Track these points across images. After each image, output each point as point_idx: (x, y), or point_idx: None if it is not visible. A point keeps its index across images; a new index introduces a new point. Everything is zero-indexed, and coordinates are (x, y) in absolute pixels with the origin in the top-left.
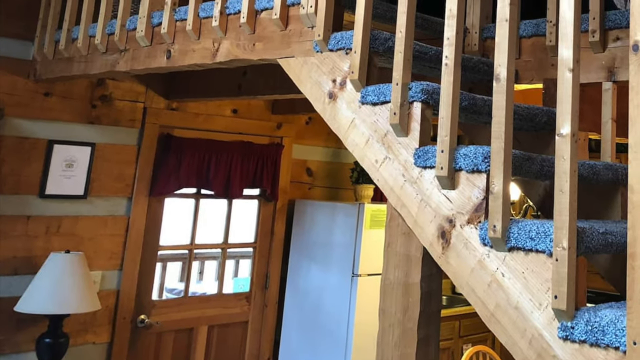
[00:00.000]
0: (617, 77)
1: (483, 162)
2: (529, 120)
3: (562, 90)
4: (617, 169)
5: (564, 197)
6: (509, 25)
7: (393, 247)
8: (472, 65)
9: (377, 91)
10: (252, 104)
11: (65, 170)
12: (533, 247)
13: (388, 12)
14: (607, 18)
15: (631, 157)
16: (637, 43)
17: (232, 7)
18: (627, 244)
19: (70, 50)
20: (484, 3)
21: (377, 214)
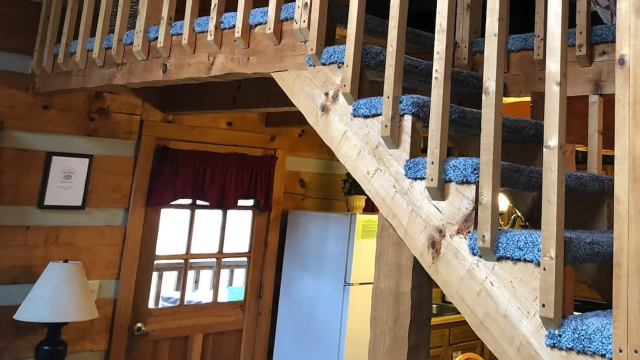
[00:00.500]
0: (604, 90)
1: (472, 174)
2: (517, 133)
3: (549, 103)
4: (603, 180)
5: (552, 208)
6: (498, 40)
7: (384, 257)
8: (462, 79)
9: (369, 104)
10: (247, 117)
11: (63, 181)
12: (521, 257)
13: (379, 27)
14: (593, 33)
15: (617, 169)
16: (623, 57)
17: (227, 22)
18: (613, 253)
19: (68, 65)
20: (473, 18)
21: (368, 225)
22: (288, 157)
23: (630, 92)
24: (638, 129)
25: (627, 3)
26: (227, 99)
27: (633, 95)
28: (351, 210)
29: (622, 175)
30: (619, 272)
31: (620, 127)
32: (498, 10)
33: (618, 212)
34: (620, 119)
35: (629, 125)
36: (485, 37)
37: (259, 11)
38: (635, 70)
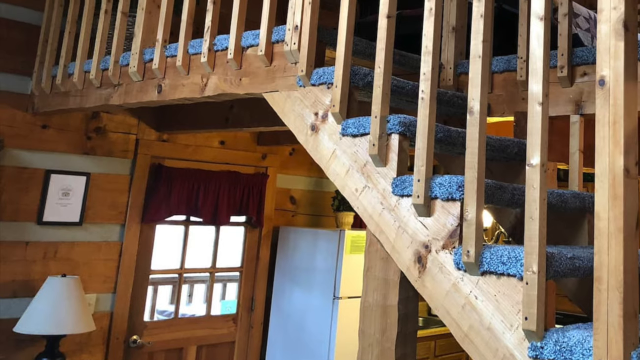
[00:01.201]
0: (584, 110)
1: (457, 191)
2: (500, 151)
3: (532, 122)
4: (584, 197)
5: (534, 224)
6: (482, 61)
7: (372, 271)
8: (447, 99)
9: (357, 124)
10: (239, 136)
11: (61, 198)
12: (505, 271)
13: (367, 48)
14: (574, 54)
15: (597, 186)
16: (603, 78)
17: (219, 44)
18: (593, 268)
19: (66, 85)
20: (458, 40)
21: (357, 240)
22: (279, 174)
23: (610, 111)
24: (617, 148)
25: (607, 26)
26: (220, 119)
27: (613, 114)
28: (340, 226)
29: (602, 192)
30: (599, 285)
31: (600, 146)
32: (482, 33)
33: (598, 228)
34: (600, 137)
35: (608, 144)
36: (469, 58)
37: (251, 33)
38: (615, 90)
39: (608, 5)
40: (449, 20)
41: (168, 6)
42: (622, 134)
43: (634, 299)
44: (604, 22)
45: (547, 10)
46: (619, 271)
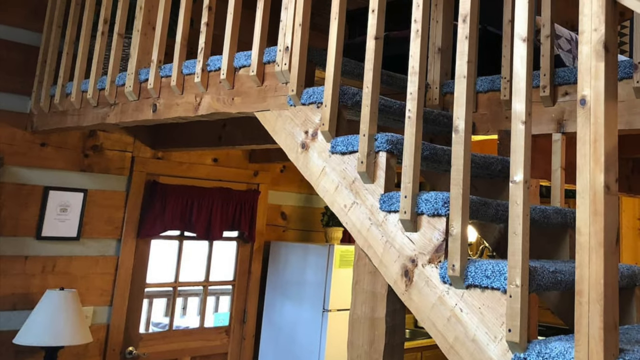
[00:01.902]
0: (566, 129)
1: (443, 207)
2: (485, 168)
3: (515, 140)
4: (566, 213)
5: (517, 239)
6: (467, 81)
7: (360, 285)
8: (433, 118)
9: (346, 142)
10: (231, 154)
11: (59, 214)
12: (489, 285)
13: (356, 69)
14: (556, 75)
15: (579, 202)
16: (584, 98)
17: (212, 64)
18: (575, 281)
19: (64, 104)
20: (443, 61)
21: (345, 255)
22: (270, 191)
23: (591, 130)
24: (598, 165)
25: (588, 47)
26: (213, 137)
27: (593, 133)
28: (329, 241)
29: (583, 208)
30: (580, 298)
31: (581, 163)
32: (467, 54)
33: (579, 243)
34: (581, 155)
35: (589, 162)
36: (454, 78)
37: (243, 54)
38: (596, 109)
39: (589, 27)
40: (434, 41)
41: (163, 28)
42: (602, 152)
43: (614, 312)
44: (585, 44)
45: (530, 32)
46: (599, 284)
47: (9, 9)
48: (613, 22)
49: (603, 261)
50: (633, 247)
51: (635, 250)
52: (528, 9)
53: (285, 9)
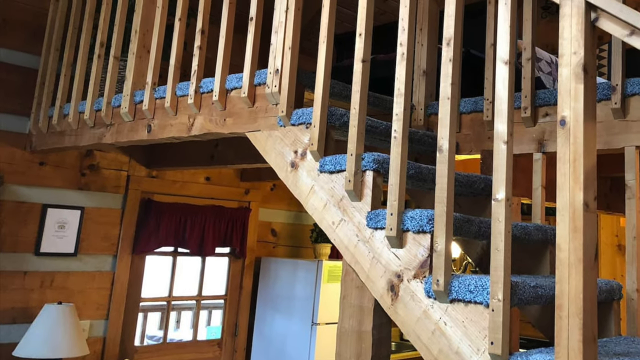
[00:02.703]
0: (546, 148)
1: (428, 224)
2: (468, 187)
3: (497, 160)
4: (546, 230)
5: (499, 254)
6: (451, 102)
7: (348, 299)
8: (418, 138)
9: (334, 161)
10: (223, 172)
11: (57, 231)
12: (472, 299)
13: (343, 91)
14: (537, 96)
15: (559, 219)
16: (564, 118)
17: (205, 86)
18: (555, 296)
19: (62, 125)
20: (428, 83)
21: (333, 270)
22: (261, 208)
23: (571, 150)
24: (577, 184)
25: (568, 69)
26: (206, 156)
27: (573, 152)
28: (318, 257)
29: (563, 225)
30: (560, 312)
31: (561, 182)
32: (451, 76)
33: (559, 259)
34: (561, 174)
35: (569, 180)
36: (439, 100)
37: (234, 76)
38: (575, 130)
39: (569, 50)
40: (419, 64)
41: (157, 51)
42: (581, 170)
43: (593, 325)
44: (564, 66)
45: (512, 55)
46: (579, 299)
47: (8, 32)
48: (592, 45)
49: (582, 276)
50: (611, 262)
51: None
52: (509, 33)
53: (275, 32)
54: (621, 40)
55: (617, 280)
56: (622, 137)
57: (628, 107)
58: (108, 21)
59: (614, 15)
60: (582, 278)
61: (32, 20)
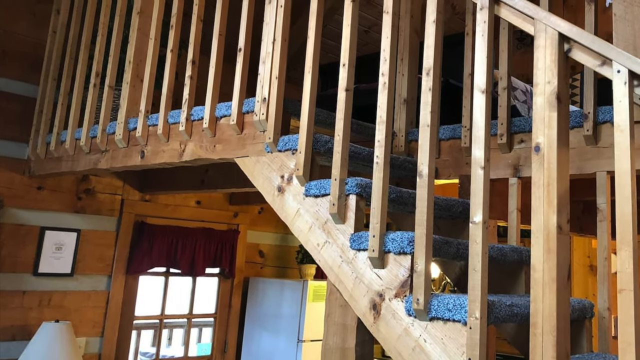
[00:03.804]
0: (522, 173)
1: (408, 246)
2: (447, 210)
3: (475, 184)
4: (521, 251)
5: (477, 275)
6: (430, 129)
7: (332, 317)
8: (399, 163)
9: (319, 185)
10: (213, 196)
11: (55, 252)
12: (450, 317)
13: (328, 118)
14: (513, 124)
15: (533, 241)
16: (539, 145)
17: (196, 114)
18: (530, 314)
19: (59, 151)
20: (408, 111)
21: (318, 289)
22: (249, 230)
23: (545, 175)
24: (551, 207)
25: (542, 98)
26: (196, 181)
27: (547, 177)
28: (303, 277)
29: (538, 247)
30: (534, 330)
31: (535, 205)
32: (430, 104)
33: (534, 279)
34: (535, 198)
35: (543, 204)
36: (419, 127)
37: (224, 105)
38: (549, 156)
39: (543, 80)
40: (400, 93)
41: (150, 81)
42: (555, 195)
43: (566, 342)
44: (539, 95)
45: (489, 84)
46: (552, 317)
47: (8, 63)
48: (565, 75)
49: (556, 296)
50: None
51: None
52: (487, 63)
53: (263, 63)
54: (593, 70)
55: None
56: (594, 163)
57: (599, 134)
58: (103, 52)
59: (586, 47)
60: (556, 297)
61: (30, 52)
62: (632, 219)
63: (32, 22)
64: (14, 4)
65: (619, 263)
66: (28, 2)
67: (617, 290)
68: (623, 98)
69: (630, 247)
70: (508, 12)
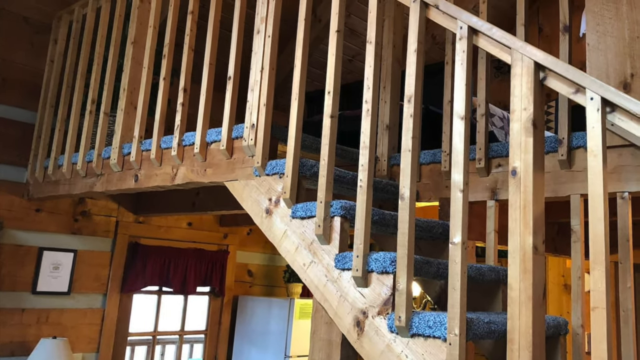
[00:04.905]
0: (499, 196)
1: (390, 265)
2: (427, 231)
3: (454, 207)
4: (499, 270)
5: (456, 293)
6: (412, 154)
7: (318, 334)
8: (382, 186)
9: (305, 208)
10: (204, 218)
11: (52, 271)
12: (431, 334)
13: (313, 143)
14: (490, 149)
15: (510, 261)
16: (515, 169)
17: (187, 139)
18: (507, 331)
19: (56, 175)
20: (391, 136)
21: (304, 307)
22: (238, 251)
23: (521, 197)
24: (527, 229)
25: (519, 124)
26: (188, 203)
27: (523, 200)
28: (290, 295)
29: (514, 267)
30: (511, 346)
31: (512, 227)
32: (411, 130)
33: (511, 297)
34: (512, 220)
35: (519, 225)
36: (401, 152)
37: (214, 130)
38: (525, 179)
39: (519, 107)
40: (383, 119)
41: (143, 107)
42: (531, 216)
43: (542, 358)
44: (515, 121)
45: (467, 111)
46: (528, 334)
47: (7, 90)
48: (540, 102)
49: (532, 313)
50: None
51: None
52: (465, 91)
53: (251, 90)
54: (567, 97)
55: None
56: (569, 186)
57: (574, 159)
58: (98, 80)
59: (560, 75)
60: (532, 314)
61: (29, 80)
62: (604, 239)
63: (31, 51)
64: (14, 34)
65: (592, 282)
66: (27, 32)
67: (590, 308)
68: (596, 124)
69: (603, 267)
70: (486, 42)
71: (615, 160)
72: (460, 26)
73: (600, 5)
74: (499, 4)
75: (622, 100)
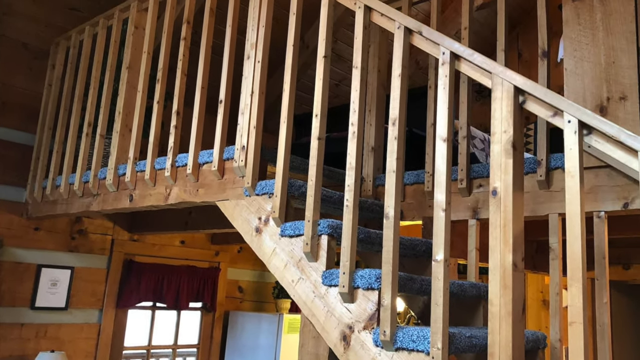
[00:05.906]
0: (480, 215)
1: (376, 282)
2: (411, 249)
3: (437, 225)
4: (480, 287)
5: (439, 309)
6: (396, 175)
7: (305, 348)
8: (367, 206)
9: (293, 226)
10: (196, 237)
11: (50, 288)
12: (414, 348)
13: (302, 165)
14: (472, 170)
15: (491, 277)
16: (496, 189)
17: (180, 161)
18: (487, 345)
19: (54, 195)
20: (376, 158)
21: (293, 322)
22: (229, 268)
23: (501, 216)
24: (507, 246)
25: (499, 146)
26: (181, 222)
27: (503, 219)
28: (279, 311)
29: (495, 283)
30: (492, 359)
31: (493, 245)
32: (396, 152)
33: (491, 312)
34: (493, 238)
35: (500, 243)
36: (385, 173)
37: (206, 152)
38: (505, 199)
39: (499, 129)
40: (369, 141)
41: (138, 130)
42: (511, 235)
43: None
44: (496, 143)
45: (449, 133)
46: (508, 348)
47: (7, 113)
48: (520, 125)
49: (511, 328)
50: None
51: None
52: (448, 114)
53: (242, 114)
54: (546, 120)
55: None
56: (547, 206)
57: (552, 179)
58: (95, 104)
59: (539, 99)
60: (512, 329)
61: (28, 103)
62: (581, 257)
63: (30, 76)
64: (13, 59)
65: (569, 298)
66: (26, 57)
67: (568, 322)
68: (573, 146)
69: (580, 283)
70: (468, 67)
71: (592, 180)
72: (443, 52)
73: (578, 31)
74: (480, 30)
75: (599, 123)
